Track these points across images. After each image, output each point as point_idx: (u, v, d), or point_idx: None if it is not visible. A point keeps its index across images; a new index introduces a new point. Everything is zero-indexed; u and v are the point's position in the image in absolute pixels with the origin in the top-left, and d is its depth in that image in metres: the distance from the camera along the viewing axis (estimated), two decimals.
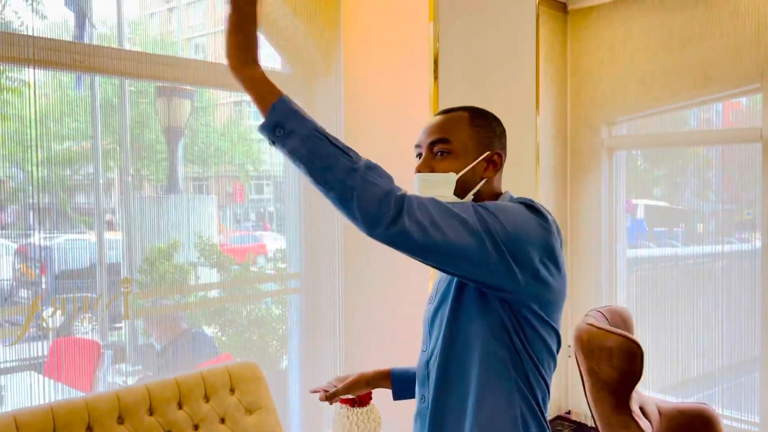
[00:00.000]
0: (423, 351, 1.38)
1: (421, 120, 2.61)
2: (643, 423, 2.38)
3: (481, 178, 1.29)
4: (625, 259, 4.15)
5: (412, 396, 1.50)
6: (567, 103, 4.22)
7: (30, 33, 2.22)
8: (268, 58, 3.11)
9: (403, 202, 1.05)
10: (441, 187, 1.26)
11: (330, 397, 1.54)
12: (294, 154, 1.06)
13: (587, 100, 4.13)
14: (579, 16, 4.14)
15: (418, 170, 1.29)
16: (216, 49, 2.94)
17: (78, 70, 2.37)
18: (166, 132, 2.83)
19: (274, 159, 3.18)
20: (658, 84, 3.79)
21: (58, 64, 2.28)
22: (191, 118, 2.92)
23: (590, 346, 2.44)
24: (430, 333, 1.35)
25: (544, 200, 4.06)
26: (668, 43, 3.72)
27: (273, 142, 1.08)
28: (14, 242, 2.49)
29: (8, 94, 2.42)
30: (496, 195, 1.35)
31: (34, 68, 2.21)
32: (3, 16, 2.33)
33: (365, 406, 2.48)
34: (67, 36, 2.41)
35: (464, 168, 1.27)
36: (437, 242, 1.07)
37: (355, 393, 1.60)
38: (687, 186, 4.04)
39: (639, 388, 2.50)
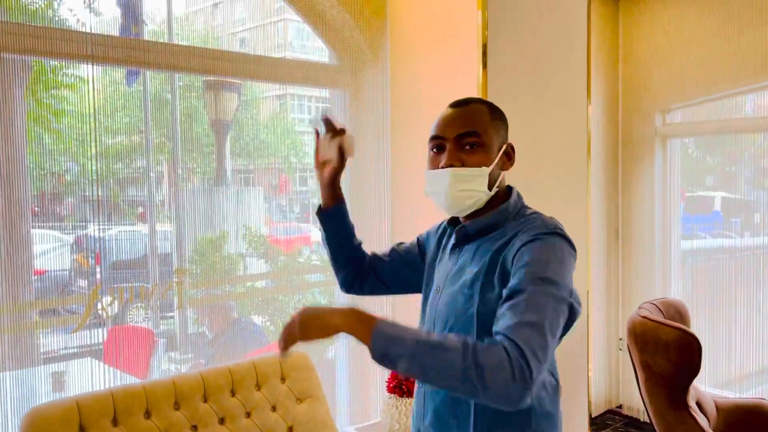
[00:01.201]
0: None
1: None
2: (701, 419, 2.32)
3: (500, 171, 1.29)
4: (679, 250, 4.04)
5: (335, 239, 1.52)
6: (619, 91, 4.11)
7: (86, 30, 2.28)
8: (316, 50, 3.12)
9: (524, 361, 1.03)
10: (475, 181, 1.24)
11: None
12: (410, 374, 1.11)
13: (640, 87, 4.01)
14: (631, 1, 4.02)
15: (450, 164, 1.25)
16: (261, 43, 2.96)
17: (132, 66, 2.42)
18: (213, 125, 2.87)
19: None
20: (715, 69, 3.66)
21: (114, 59, 2.33)
22: (238, 112, 2.95)
23: (644, 339, 2.38)
24: (434, 319, 1.33)
25: (595, 191, 3.98)
26: (726, 27, 3.58)
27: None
28: (71, 234, 2.57)
29: (65, 90, 2.50)
30: (505, 189, 1.34)
31: (92, 64, 2.26)
32: (59, 14, 2.40)
33: (414, 396, 2.49)
34: (120, 32, 2.46)
35: (493, 161, 1.26)
36: (550, 353, 1.09)
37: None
38: (741, 175, 3.90)
39: (695, 382, 2.43)
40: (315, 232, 3.32)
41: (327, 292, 3.19)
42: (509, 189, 1.34)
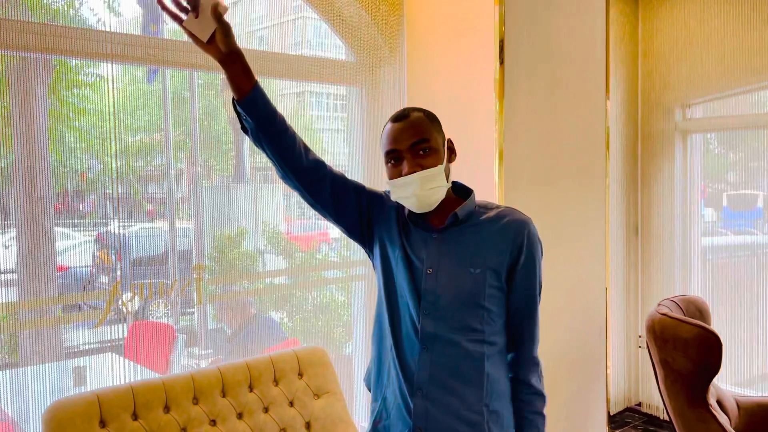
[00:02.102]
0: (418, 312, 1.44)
1: (487, 106, 2.56)
2: (721, 417, 2.29)
3: (449, 164, 1.47)
4: (699, 247, 3.98)
5: (258, 118, 1.45)
6: (638, 86, 4.07)
7: (106, 29, 2.31)
8: (333, 48, 3.13)
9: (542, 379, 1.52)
10: (437, 178, 1.41)
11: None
12: None
13: (660, 82, 3.96)
14: None
15: (412, 171, 1.40)
16: (279, 41, 2.98)
17: (152, 64, 2.45)
18: (232, 123, 2.89)
19: (337, 148, 3.21)
20: (737, 63, 3.60)
21: (134, 58, 2.36)
22: None
23: (663, 336, 2.36)
24: (434, 296, 1.43)
25: (613, 186, 3.94)
26: (748, 20, 3.52)
27: None
28: (93, 231, 2.61)
29: (86, 89, 2.53)
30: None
31: (112, 63, 2.29)
32: (80, 13, 2.43)
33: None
34: (140, 31, 2.49)
35: (444, 158, 1.45)
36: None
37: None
38: (764, 170, 3.83)
39: (715, 381, 2.40)
40: (332, 230, 3.33)
41: (344, 288, 3.20)
42: (456, 182, 1.55)
